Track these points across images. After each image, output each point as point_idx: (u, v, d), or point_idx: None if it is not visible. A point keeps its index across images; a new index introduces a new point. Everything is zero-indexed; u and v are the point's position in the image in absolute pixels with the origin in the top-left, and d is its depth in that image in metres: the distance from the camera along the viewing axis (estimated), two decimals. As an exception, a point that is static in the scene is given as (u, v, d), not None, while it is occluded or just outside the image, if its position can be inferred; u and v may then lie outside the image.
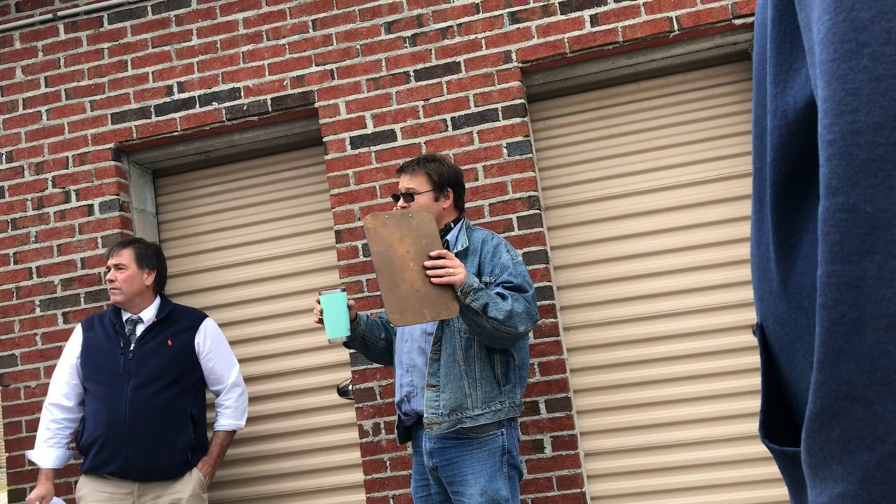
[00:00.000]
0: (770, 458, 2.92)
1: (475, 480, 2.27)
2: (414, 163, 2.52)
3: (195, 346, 2.90)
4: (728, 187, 3.10)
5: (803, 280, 0.65)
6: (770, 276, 0.71)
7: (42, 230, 3.38)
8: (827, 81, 0.52)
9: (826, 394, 0.52)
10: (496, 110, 3.09)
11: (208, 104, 3.33)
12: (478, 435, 2.30)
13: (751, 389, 2.98)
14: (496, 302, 2.19)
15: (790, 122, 0.65)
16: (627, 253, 3.14)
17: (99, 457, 2.71)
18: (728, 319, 3.02)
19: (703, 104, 3.18)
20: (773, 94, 0.68)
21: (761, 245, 0.73)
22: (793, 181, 0.66)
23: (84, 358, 2.83)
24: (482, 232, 2.46)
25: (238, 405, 2.97)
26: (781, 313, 0.69)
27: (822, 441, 0.53)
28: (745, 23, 2.97)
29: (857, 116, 0.50)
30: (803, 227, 0.65)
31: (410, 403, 2.42)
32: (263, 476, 3.32)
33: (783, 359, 0.70)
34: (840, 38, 0.52)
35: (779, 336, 0.70)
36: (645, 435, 3.04)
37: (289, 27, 3.31)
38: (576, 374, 3.11)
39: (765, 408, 0.72)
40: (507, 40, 3.13)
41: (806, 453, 0.55)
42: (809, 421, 0.54)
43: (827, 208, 0.51)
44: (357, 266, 3.12)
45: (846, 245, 0.50)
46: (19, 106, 3.48)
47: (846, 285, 0.50)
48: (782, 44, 0.66)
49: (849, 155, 0.50)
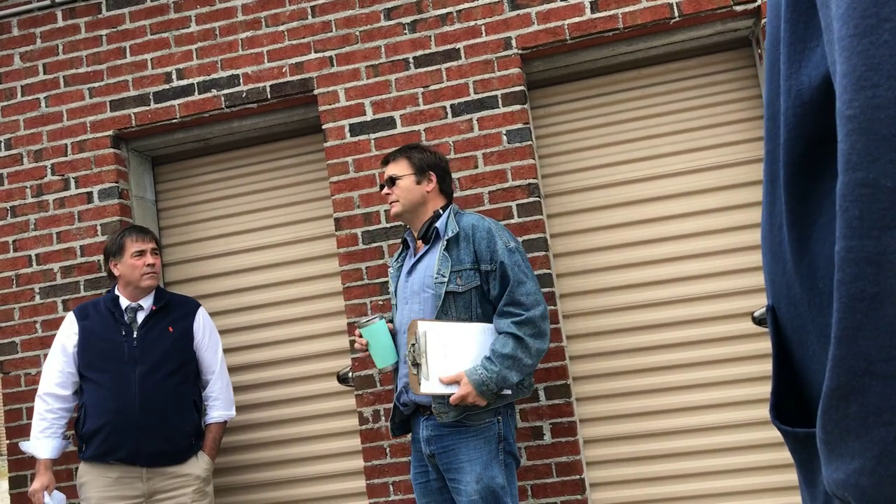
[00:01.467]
0: (770, 444, 2.93)
1: (471, 468, 2.28)
2: (396, 151, 2.59)
3: (193, 332, 2.91)
4: (729, 174, 3.09)
5: (817, 261, 0.64)
6: (783, 257, 0.70)
7: (41, 218, 3.37)
8: (847, 57, 0.52)
9: (844, 369, 0.51)
10: (496, 97, 3.08)
11: (207, 91, 3.32)
12: (474, 422, 2.31)
13: (750, 376, 2.98)
14: (505, 369, 2.26)
15: (804, 102, 0.64)
16: (627, 240, 3.14)
17: (106, 444, 2.71)
18: (728, 307, 3.02)
19: (703, 91, 3.17)
20: (786, 74, 0.67)
21: (773, 227, 0.73)
22: (807, 161, 0.66)
23: (83, 346, 2.83)
24: (471, 216, 2.47)
25: (226, 396, 2.99)
26: (794, 295, 0.68)
27: (839, 417, 0.52)
28: (745, 9, 2.96)
29: (877, 91, 0.49)
30: (817, 207, 0.65)
31: (409, 394, 2.43)
32: (264, 463, 3.33)
33: (795, 340, 0.70)
34: (861, 13, 0.51)
35: (791, 317, 0.70)
36: (644, 422, 3.04)
37: (287, 14, 3.29)
38: (575, 362, 3.11)
39: (776, 389, 0.72)
40: (506, 27, 3.11)
41: (822, 430, 0.54)
42: (826, 397, 0.53)
43: (846, 184, 0.51)
44: (356, 254, 3.12)
45: (866, 220, 0.50)
46: (18, 93, 3.47)
47: (865, 260, 0.50)
48: (797, 23, 0.66)
49: (869, 130, 0.50)
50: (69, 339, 2.86)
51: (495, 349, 2.28)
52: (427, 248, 2.49)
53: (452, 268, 2.37)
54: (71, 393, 2.86)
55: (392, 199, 2.51)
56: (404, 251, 2.64)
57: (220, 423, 2.96)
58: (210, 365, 2.96)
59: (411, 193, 2.50)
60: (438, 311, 2.35)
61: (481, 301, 2.38)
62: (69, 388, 2.85)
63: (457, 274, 2.36)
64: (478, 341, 2.34)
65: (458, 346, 2.31)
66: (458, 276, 2.36)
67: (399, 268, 2.61)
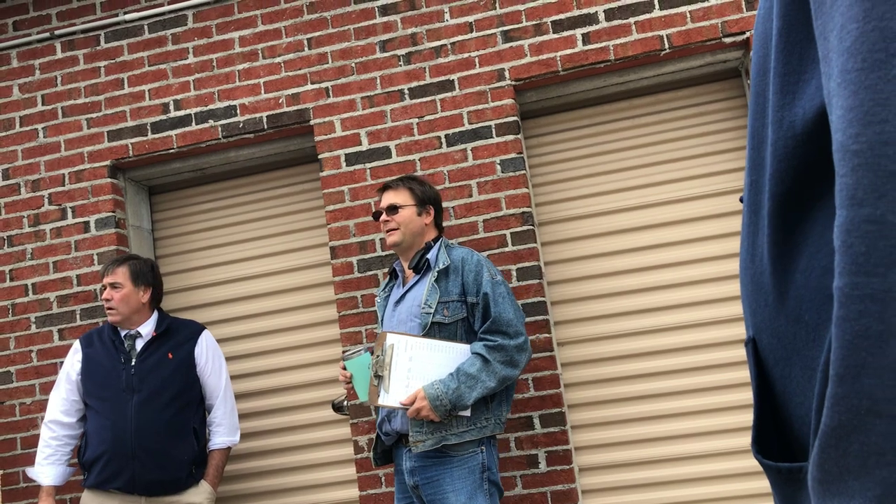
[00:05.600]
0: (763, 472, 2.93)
1: (455, 498, 2.29)
2: (397, 180, 2.61)
3: (195, 357, 2.90)
4: (719, 203, 3.13)
5: (802, 293, 0.63)
6: (765, 289, 0.70)
7: (38, 247, 3.39)
8: (854, 91, 0.51)
9: (846, 408, 0.50)
10: (490, 127, 3.13)
11: (204, 122, 3.35)
12: (457, 453, 2.32)
13: (746, 403, 2.99)
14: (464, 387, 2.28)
15: (797, 133, 0.64)
16: (621, 268, 3.17)
17: (105, 472, 2.71)
18: (722, 334, 3.05)
19: (694, 121, 3.22)
20: (777, 105, 0.66)
21: (755, 258, 0.72)
22: (794, 193, 0.65)
23: (85, 374, 2.83)
24: (462, 250, 2.51)
25: (230, 422, 2.98)
26: (778, 327, 0.68)
27: (837, 456, 0.51)
28: (734, 41, 3.02)
29: (886, 127, 0.49)
30: (803, 239, 0.64)
31: (391, 423, 2.44)
32: (258, 492, 3.31)
33: (777, 373, 0.69)
34: (869, 47, 0.51)
35: (773, 350, 0.69)
36: (640, 449, 3.05)
37: (284, 46, 3.34)
38: (570, 389, 3.12)
39: (757, 423, 0.71)
40: (500, 58, 3.16)
41: (818, 468, 0.53)
42: (825, 435, 0.52)
43: (851, 219, 0.50)
44: (352, 282, 3.14)
45: (872, 257, 0.49)
46: (16, 124, 3.50)
47: (871, 298, 0.49)
48: (790, 54, 0.65)
49: (876, 166, 0.49)
50: (73, 368, 2.87)
51: (461, 367, 2.31)
52: (417, 278, 2.51)
53: (440, 299, 2.40)
54: (76, 420, 2.86)
55: (391, 227, 2.52)
56: (391, 281, 2.66)
57: (223, 449, 2.95)
58: (213, 390, 2.95)
59: (412, 224, 2.52)
60: None
61: (467, 333, 2.41)
62: (74, 416, 2.86)
63: (444, 305, 2.39)
64: (448, 358, 2.35)
65: (426, 361, 2.32)
66: (445, 308, 2.39)
67: (386, 297, 2.63)
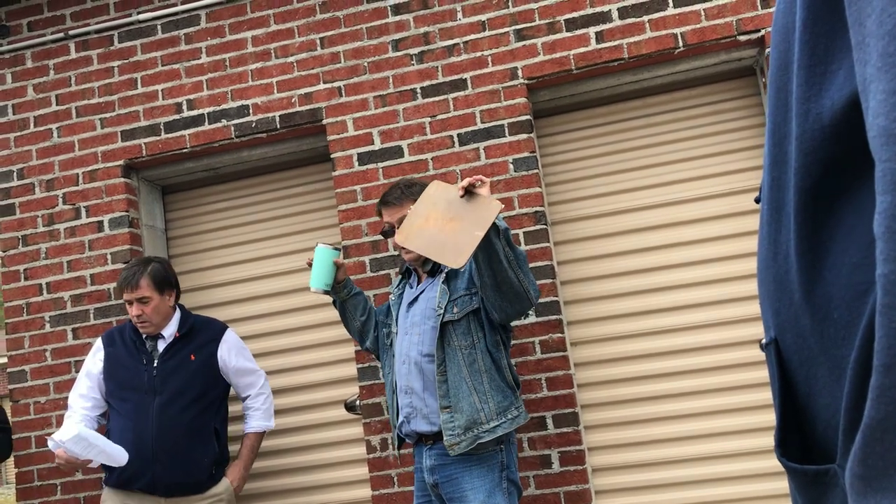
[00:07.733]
0: (781, 472, 2.91)
1: (474, 496, 2.28)
2: (395, 194, 2.53)
3: (218, 359, 2.90)
4: (734, 202, 3.11)
5: (831, 290, 0.62)
6: (789, 287, 0.68)
7: (52, 246, 3.40)
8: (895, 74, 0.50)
9: (890, 399, 0.49)
10: (502, 126, 3.11)
11: (217, 121, 3.36)
12: (477, 451, 2.32)
13: (761, 404, 2.97)
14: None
15: (825, 125, 0.62)
16: (634, 268, 3.15)
17: (126, 473, 2.71)
18: (737, 334, 3.02)
19: (708, 119, 3.20)
20: (803, 97, 0.64)
21: (778, 256, 0.70)
22: (822, 187, 0.63)
23: (107, 374, 2.85)
24: None
25: (267, 407, 3.00)
26: (803, 327, 0.66)
27: (883, 450, 0.50)
28: (749, 39, 2.99)
29: None
30: (831, 235, 0.62)
31: (410, 424, 2.44)
32: (271, 491, 3.32)
33: (801, 374, 0.67)
34: None
35: (798, 350, 0.67)
36: (652, 450, 3.03)
37: (297, 45, 3.34)
38: (583, 390, 3.11)
39: (781, 425, 0.70)
40: (513, 57, 3.15)
41: (860, 464, 0.52)
42: (869, 429, 0.51)
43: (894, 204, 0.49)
44: (364, 281, 3.14)
45: None
46: (30, 124, 3.52)
47: None
48: (815, 46, 0.63)
49: None
50: (95, 365, 2.89)
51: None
52: (429, 281, 2.51)
53: (450, 298, 2.39)
54: (99, 415, 2.90)
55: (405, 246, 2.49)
56: (404, 280, 2.65)
57: (258, 433, 2.98)
58: (247, 386, 2.98)
59: None
60: (438, 342, 2.36)
61: (481, 325, 2.39)
62: (97, 411, 2.90)
63: (453, 303, 2.38)
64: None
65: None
66: (454, 305, 2.38)
67: (400, 295, 2.62)
